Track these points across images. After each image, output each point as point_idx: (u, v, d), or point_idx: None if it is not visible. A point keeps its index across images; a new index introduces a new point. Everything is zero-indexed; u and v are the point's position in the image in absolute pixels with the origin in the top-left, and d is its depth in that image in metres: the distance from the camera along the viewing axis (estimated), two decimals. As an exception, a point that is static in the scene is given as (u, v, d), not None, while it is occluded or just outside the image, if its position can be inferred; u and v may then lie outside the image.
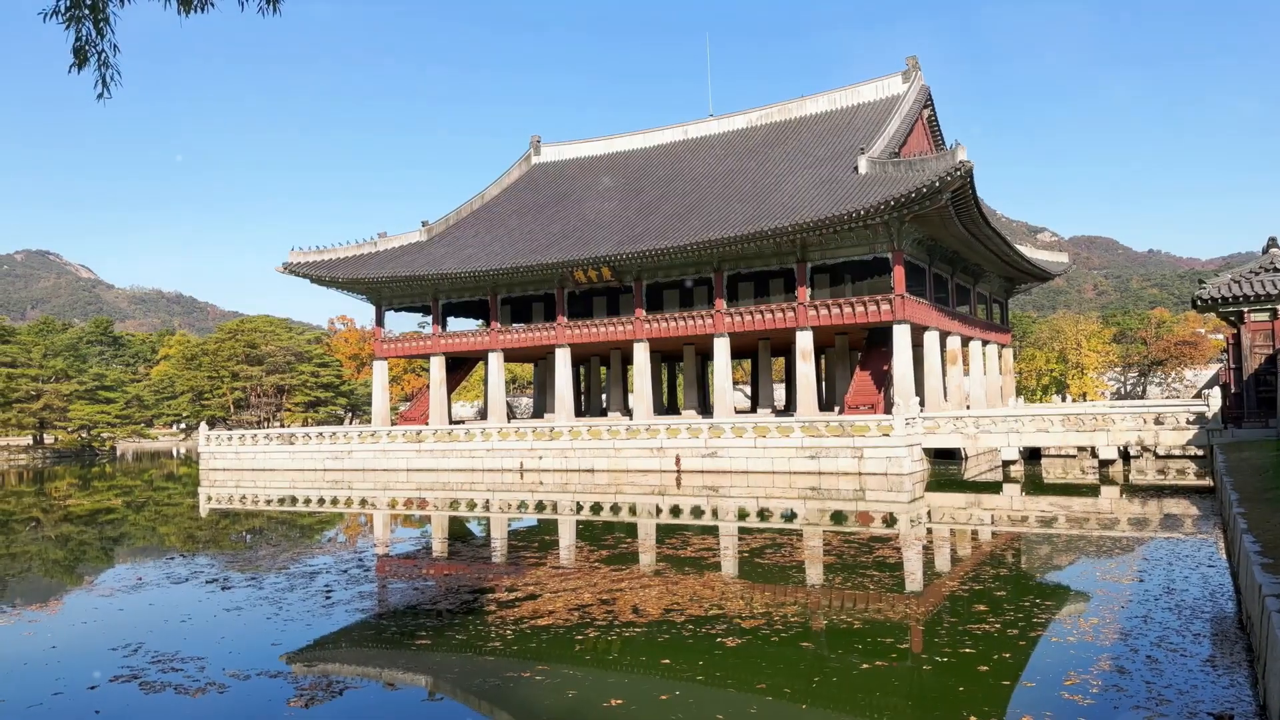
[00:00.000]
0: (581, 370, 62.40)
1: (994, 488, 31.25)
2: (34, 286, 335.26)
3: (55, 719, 8.77)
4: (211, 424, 74.00)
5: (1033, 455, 38.91)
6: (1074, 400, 68.35)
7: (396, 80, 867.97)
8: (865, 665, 9.81)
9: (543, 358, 57.45)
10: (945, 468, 36.25)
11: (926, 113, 50.57)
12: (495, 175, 61.24)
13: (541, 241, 49.48)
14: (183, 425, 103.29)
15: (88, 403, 76.39)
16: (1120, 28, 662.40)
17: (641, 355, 46.45)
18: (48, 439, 79.36)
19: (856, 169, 41.45)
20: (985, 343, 53.03)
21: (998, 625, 11.30)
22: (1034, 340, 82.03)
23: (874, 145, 42.92)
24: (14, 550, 22.53)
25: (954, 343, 47.24)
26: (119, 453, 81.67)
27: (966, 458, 37.74)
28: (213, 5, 6.04)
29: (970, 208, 38.25)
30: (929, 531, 21.50)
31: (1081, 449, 38.31)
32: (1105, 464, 32.87)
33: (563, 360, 48.97)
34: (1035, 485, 31.45)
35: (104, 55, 5.59)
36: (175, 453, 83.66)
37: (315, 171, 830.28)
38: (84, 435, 77.45)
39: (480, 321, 56.92)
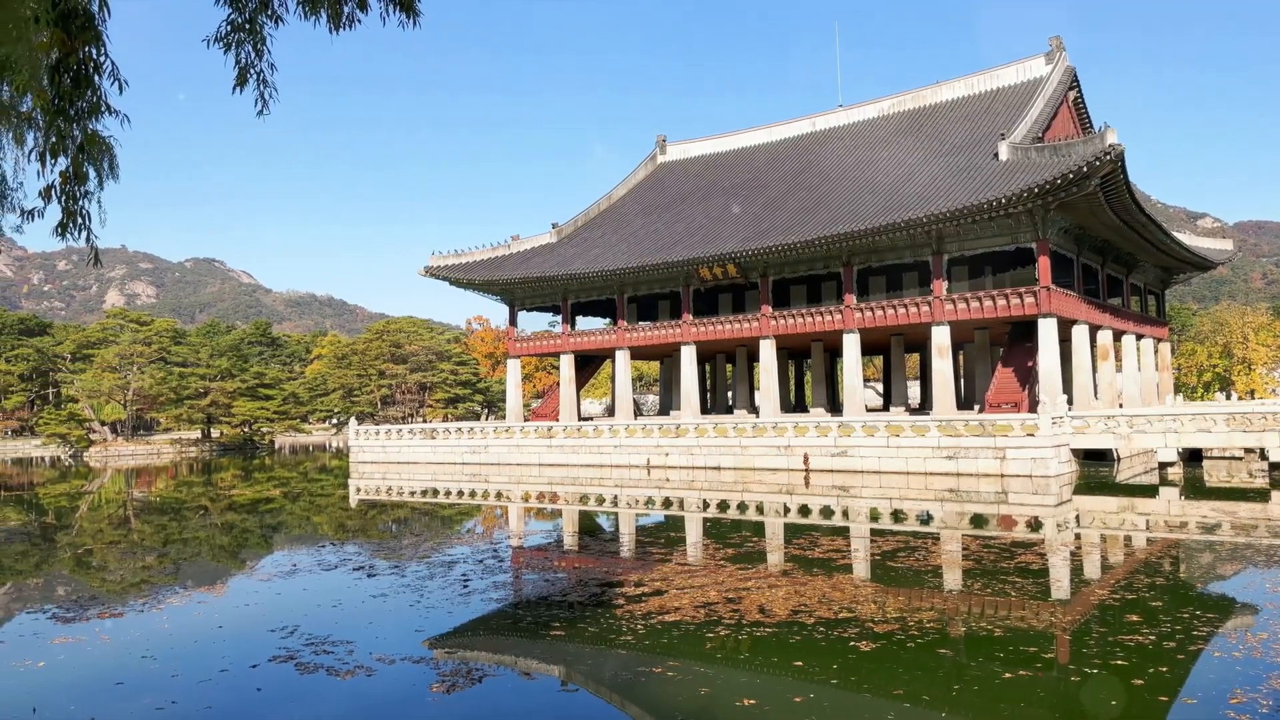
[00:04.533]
0: (707, 368, 62.38)
1: (1149, 491, 29.35)
2: (201, 292, 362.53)
3: (222, 694, 9.46)
4: (360, 419, 78.03)
5: (1193, 457, 36.31)
6: (1240, 398, 63.37)
7: (521, 86, 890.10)
8: (1007, 674, 9.41)
9: (669, 355, 57.74)
10: (1095, 470, 34.27)
11: (1072, 95, 47.93)
12: (622, 175, 61.91)
13: (667, 240, 49.72)
14: (334, 420, 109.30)
15: (249, 399, 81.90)
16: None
17: (768, 352, 46.01)
18: (214, 433, 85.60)
19: (996, 155, 39.71)
20: (1139, 337, 49.88)
21: (1153, 637, 10.61)
22: (1194, 334, 76.59)
23: (1015, 130, 41.00)
24: (185, 536, 24.44)
25: (1105, 337, 44.62)
26: (277, 446, 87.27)
27: (1119, 459, 35.58)
28: (359, 21, 6.36)
29: (1122, 194, 36.02)
30: (1077, 536, 20.40)
31: (1249, 450, 35.46)
32: (1276, 467, 30.32)
33: (688, 358, 49.07)
34: (1196, 489, 29.33)
35: (262, 75, 5.98)
36: (327, 446, 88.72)
37: (453, 175, 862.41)
38: (246, 430, 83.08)
39: (608, 320, 57.71)
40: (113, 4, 5.56)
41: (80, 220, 5.66)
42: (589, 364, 58.47)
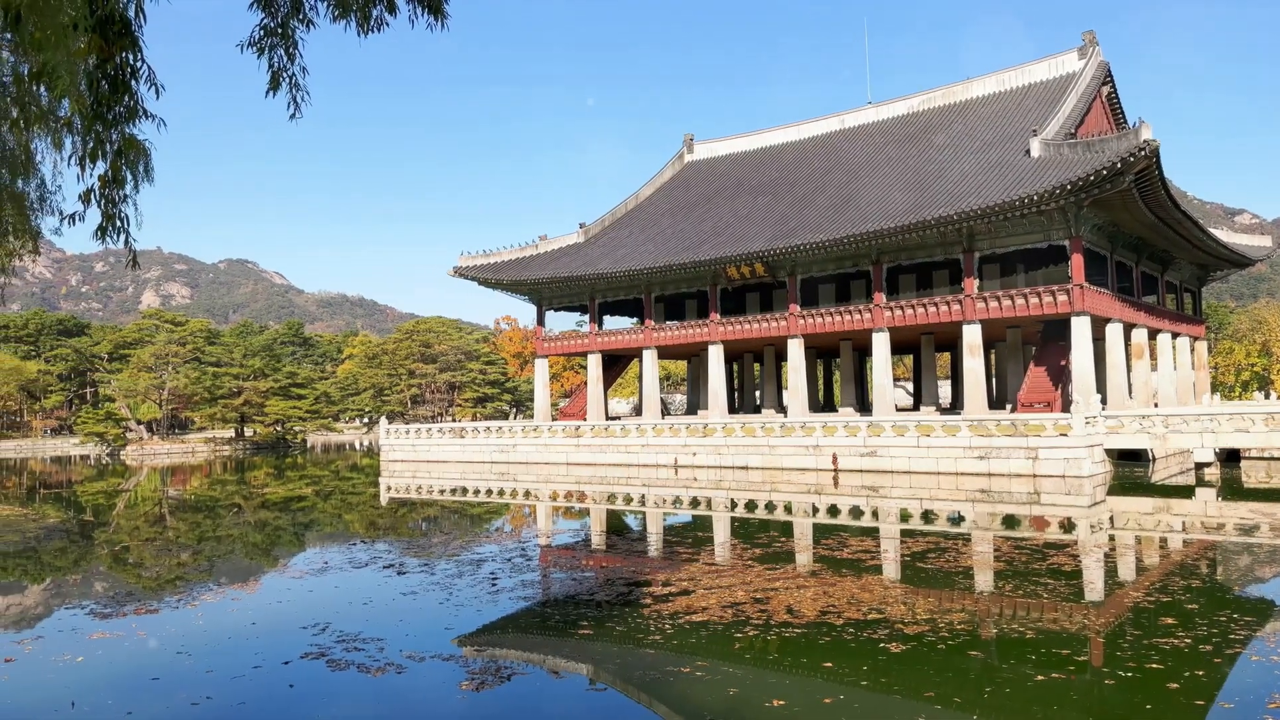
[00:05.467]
0: (734, 367, 62.23)
1: (1185, 492, 28.86)
2: (235, 293, 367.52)
3: (255, 690, 9.59)
4: (390, 418, 78.66)
5: (1230, 457, 35.67)
6: (1279, 397, 62.11)
7: (552, 87, 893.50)
8: (1040, 677, 9.30)
9: (696, 355, 57.65)
10: (1130, 470, 33.77)
11: (1106, 90, 47.22)
12: (649, 174, 61.93)
13: (694, 239, 49.66)
14: (365, 419, 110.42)
15: (282, 399, 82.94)
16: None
17: (796, 351, 45.81)
18: (247, 432, 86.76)
19: (1029, 152, 39.24)
20: (1175, 335, 49.06)
21: (1188, 640, 10.45)
22: (1232, 332, 75.21)
23: (1048, 126, 40.48)
24: (219, 533, 24.79)
25: (1139, 335, 43.95)
26: (309, 445, 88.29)
27: (1154, 460, 35.03)
28: (387, 25, 6.42)
29: (1156, 190, 35.45)
30: (1111, 538, 20.12)
31: (1290, 451, 34.76)
32: (1319, 468, 29.70)
33: (716, 357, 48.96)
34: (1233, 490, 28.80)
35: (294, 79, 6.07)
36: (358, 445, 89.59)
37: (481, 174, 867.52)
38: (279, 428, 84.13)
39: (635, 320, 57.76)
40: (148, 8, 5.66)
41: (119, 223, 5.77)
42: (616, 363, 58.55)
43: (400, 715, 8.89)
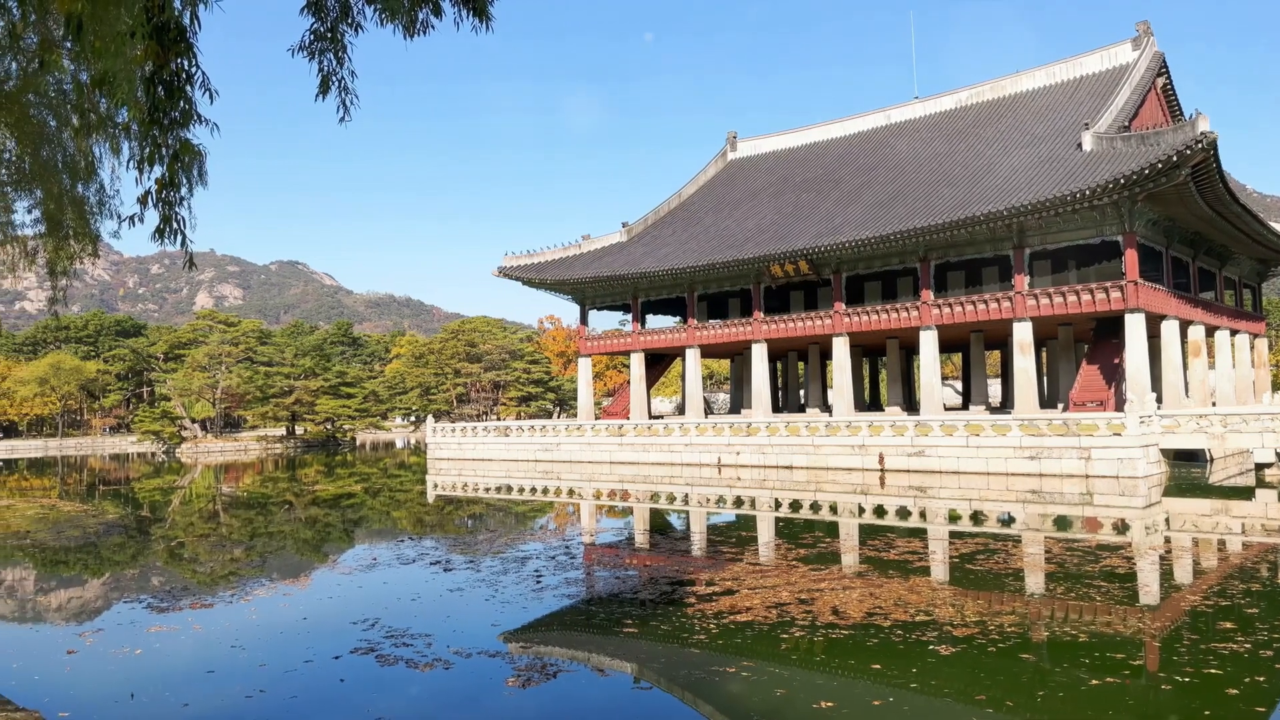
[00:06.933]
0: (778, 366, 61.85)
1: (1245, 493, 28.04)
2: (286, 293, 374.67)
3: (307, 684, 9.76)
4: (437, 417, 79.57)
5: (1294, 458, 34.54)
6: (1347, 396, 59.95)
7: (594, 87, 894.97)
8: (1094, 681, 9.10)
9: (739, 353, 57.41)
10: (1186, 471, 32.91)
11: (1161, 81, 46.06)
12: (692, 174, 61.75)
13: (737, 237, 49.44)
14: (412, 418, 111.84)
15: (331, 397, 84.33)
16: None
17: (841, 350, 45.37)
18: (298, 430, 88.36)
19: (1080, 146, 38.42)
20: (1234, 332, 47.70)
21: (1248, 645, 10.15)
22: (1295, 328, 72.74)
23: (1100, 119, 39.60)
24: (271, 530, 25.29)
25: (1196, 333, 42.79)
26: (359, 443, 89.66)
27: (1211, 460, 34.08)
28: (433, 28, 6.48)
29: (1214, 184, 34.48)
30: (1166, 540, 19.61)
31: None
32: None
33: (759, 356, 48.71)
34: (1298, 492, 27.92)
35: (344, 82, 6.16)
36: (406, 443, 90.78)
37: (526, 170, 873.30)
38: (328, 427, 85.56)
39: (678, 318, 57.70)
40: (201, 15, 5.78)
41: (175, 225, 5.91)
42: (659, 362, 58.54)
43: (448, 711, 8.99)
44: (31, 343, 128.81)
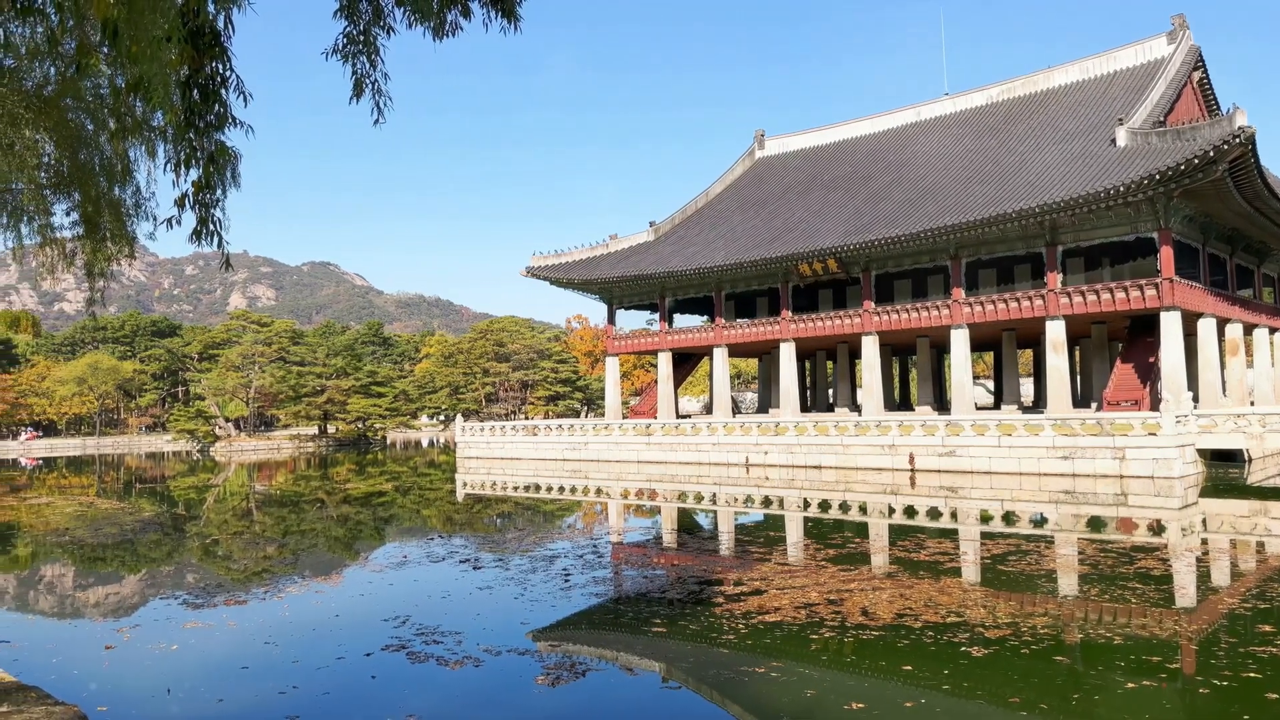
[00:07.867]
0: (807, 365, 61.55)
1: (1286, 495, 27.49)
2: (317, 294, 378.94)
3: (339, 680, 9.87)
4: (466, 416, 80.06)
5: (1337, 459, 33.84)
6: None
7: (624, 85, 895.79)
8: (1130, 684, 8.97)
9: (767, 352, 57.18)
10: (1224, 471, 32.31)
11: (1197, 75, 45.26)
12: (720, 171, 61.68)
13: (765, 236, 49.25)
14: (442, 417, 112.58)
15: (363, 397, 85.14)
16: None
17: (870, 349, 45.05)
18: (330, 429, 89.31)
19: (1114, 142, 37.85)
20: (1273, 330, 46.77)
21: (1293, 651, 9.94)
22: (1338, 326, 71.11)
23: (1134, 115, 38.98)
24: (304, 527, 25.58)
25: (1234, 331, 42.02)
26: (389, 441, 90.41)
27: (1249, 460, 33.44)
28: (461, 29, 6.51)
29: (1252, 179, 33.83)
30: (1203, 541, 19.27)
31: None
32: None
33: (787, 355, 48.49)
34: (1340, 493, 27.33)
35: (377, 85, 6.21)
36: (435, 441, 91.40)
37: (554, 169, 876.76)
38: (360, 426, 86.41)
39: (705, 318, 57.59)
40: (235, 19, 5.86)
41: (211, 226, 5.99)
42: (686, 361, 58.47)
43: (478, 708, 9.04)
44: (70, 343, 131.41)
